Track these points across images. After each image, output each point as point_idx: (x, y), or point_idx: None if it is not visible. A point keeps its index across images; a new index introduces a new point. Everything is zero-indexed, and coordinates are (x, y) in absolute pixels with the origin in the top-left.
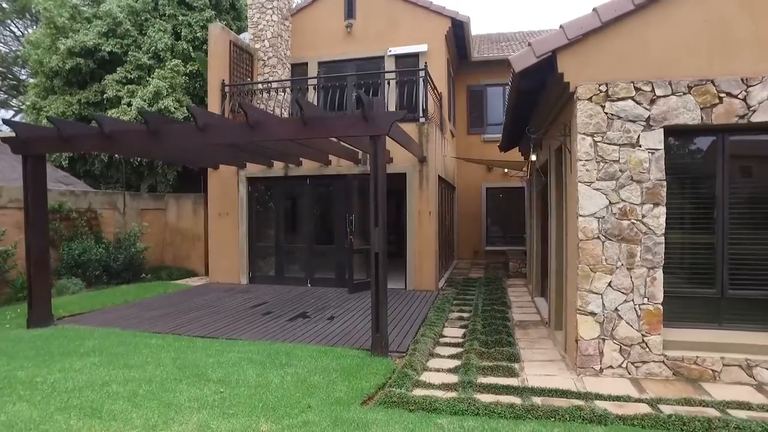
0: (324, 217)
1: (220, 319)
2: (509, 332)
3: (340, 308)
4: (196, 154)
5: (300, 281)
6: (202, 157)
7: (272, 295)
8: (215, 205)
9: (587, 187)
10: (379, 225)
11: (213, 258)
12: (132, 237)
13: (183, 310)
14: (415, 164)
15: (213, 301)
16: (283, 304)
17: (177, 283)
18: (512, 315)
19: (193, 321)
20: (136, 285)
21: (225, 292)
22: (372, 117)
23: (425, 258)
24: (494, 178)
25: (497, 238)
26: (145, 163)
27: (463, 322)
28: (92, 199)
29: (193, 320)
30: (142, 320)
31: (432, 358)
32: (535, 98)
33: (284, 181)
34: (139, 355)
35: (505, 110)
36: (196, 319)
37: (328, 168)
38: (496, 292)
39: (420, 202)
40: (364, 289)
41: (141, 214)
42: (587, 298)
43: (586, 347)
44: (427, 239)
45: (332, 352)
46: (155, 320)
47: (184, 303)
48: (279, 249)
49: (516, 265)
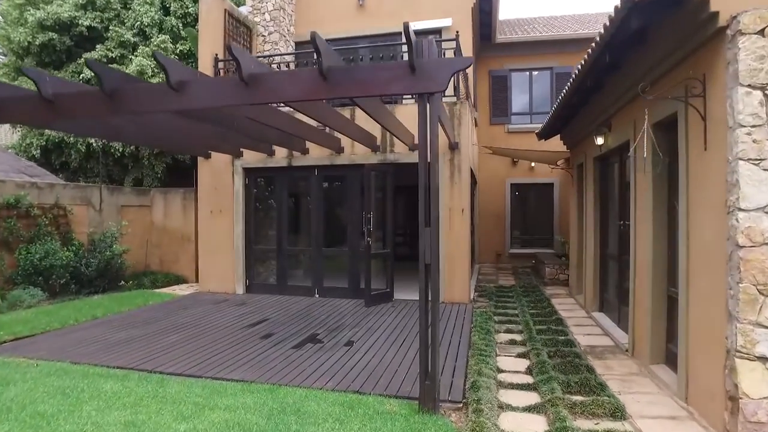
0: (335, 215)
1: (207, 346)
2: (589, 367)
3: (359, 328)
4: (178, 135)
5: (306, 291)
6: (187, 140)
7: (273, 309)
8: (206, 200)
9: (754, 167)
10: (432, 224)
11: (204, 263)
12: (108, 238)
13: (161, 330)
14: (444, 151)
15: (201, 317)
16: (286, 322)
17: (161, 293)
18: (575, 337)
19: (171, 348)
20: (112, 295)
21: (216, 305)
22: (422, 67)
23: (457, 264)
24: (520, 172)
25: (523, 239)
26: (129, 154)
27: (519, 348)
28: (60, 193)
29: (171, 347)
30: (106, 346)
31: (504, 412)
32: (618, 60)
33: (288, 173)
34: (77, 418)
35: (572, 81)
36: (175, 346)
37: (340, 156)
38: (540, 304)
39: (450, 198)
40: (383, 300)
41: (121, 212)
42: (754, 334)
43: (753, 410)
44: (459, 242)
45: (361, 404)
46: (122, 346)
47: (164, 320)
48: (281, 252)
49: (553, 271)
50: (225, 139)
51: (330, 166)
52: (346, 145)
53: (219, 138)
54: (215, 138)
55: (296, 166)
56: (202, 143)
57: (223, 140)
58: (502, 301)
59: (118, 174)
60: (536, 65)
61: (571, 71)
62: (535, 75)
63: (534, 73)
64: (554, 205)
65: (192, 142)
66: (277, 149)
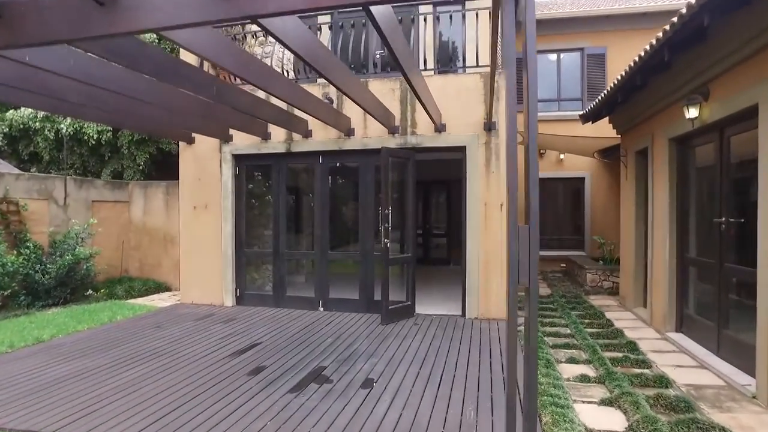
0: (344, 212)
1: (172, 389)
2: (721, 428)
3: (378, 357)
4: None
5: (308, 303)
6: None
7: (268, 328)
8: (189, 194)
9: None
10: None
11: (186, 269)
12: (71, 239)
13: (119, 361)
14: (478, 133)
15: (175, 339)
16: (283, 347)
17: (136, 304)
18: (663, 370)
19: (120, 394)
20: (73, 308)
21: (198, 322)
22: None
23: (493, 272)
24: (546, 165)
25: (549, 240)
26: (105, 141)
27: (598, 389)
28: (12, 185)
29: (121, 391)
30: (31, 390)
31: None
32: None
33: (286, 160)
34: None
35: (654, 46)
36: (128, 389)
37: (350, 140)
38: (596, 320)
39: (487, 190)
40: (403, 316)
41: (92, 208)
42: None
43: None
44: (497, 244)
45: None
46: (55, 390)
47: (128, 344)
48: (278, 256)
49: (596, 278)
50: (209, 116)
51: (338, 152)
52: (357, 126)
53: (201, 114)
54: (196, 114)
55: (297, 153)
56: (181, 122)
57: (205, 117)
58: (545, 314)
59: (94, 166)
60: (564, 46)
61: (605, 52)
62: (563, 57)
63: (562, 54)
64: (584, 202)
65: (166, 119)
66: (274, 132)
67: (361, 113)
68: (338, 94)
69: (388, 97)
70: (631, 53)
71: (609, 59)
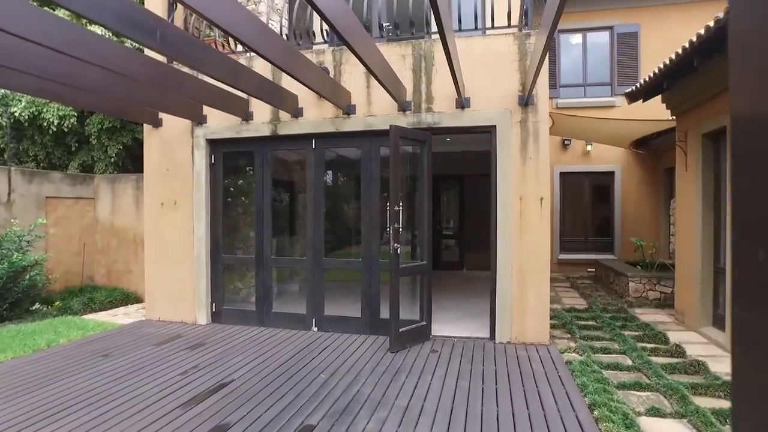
0: (342, 209)
1: None
2: None
3: (387, 407)
4: (90, 76)
5: (299, 322)
6: (106, 86)
7: (244, 357)
8: (155, 187)
9: None
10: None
11: (152, 278)
12: (10, 242)
13: (28, 413)
14: (511, 109)
15: (122, 375)
16: (259, 393)
17: (92, 321)
18: None
19: None
20: (5, 328)
21: (158, 348)
22: None
23: (530, 283)
24: (571, 158)
25: (575, 243)
26: (69, 128)
27: None
28: None
29: None
30: None
31: None
32: None
33: (272, 145)
34: None
35: None
36: None
37: (350, 119)
38: (659, 344)
39: (522, 181)
40: (417, 339)
41: (47, 205)
42: None
43: None
44: (537, 249)
45: None
46: None
47: (54, 384)
48: (263, 264)
49: (640, 287)
50: (174, 87)
51: (335, 135)
52: (359, 102)
53: (164, 85)
54: (157, 84)
55: (285, 136)
56: (141, 95)
57: (169, 89)
58: (591, 336)
59: (60, 158)
60: (591, 24)
61: (638, 30)
62: (589, 36)
63: (588, 34)
64: (614, 199)
65: (122, 91)
66: (257, 111)
67: (363, 86)
68: (335, 64)
69: (398, 65)
70: (669, 33)
71: (642, 38)
